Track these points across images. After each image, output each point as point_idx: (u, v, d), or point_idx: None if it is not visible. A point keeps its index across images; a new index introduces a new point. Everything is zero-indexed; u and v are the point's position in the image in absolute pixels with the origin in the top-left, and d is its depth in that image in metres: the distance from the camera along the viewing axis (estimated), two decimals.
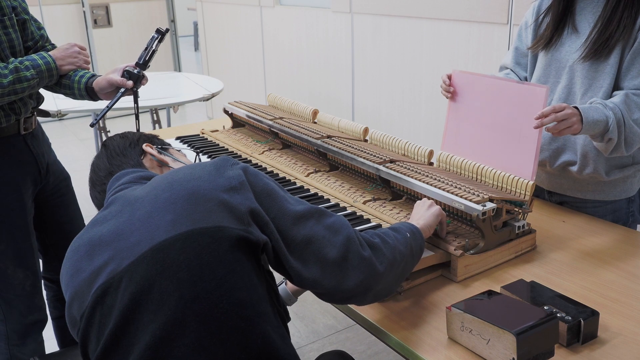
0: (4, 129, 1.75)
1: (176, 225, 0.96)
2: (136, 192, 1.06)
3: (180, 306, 0.93)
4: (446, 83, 1.73)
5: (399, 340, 1.18)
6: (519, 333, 1.01)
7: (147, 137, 1.32)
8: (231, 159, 1.08)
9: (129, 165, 1.22)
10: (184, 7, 8.44)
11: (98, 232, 1.03)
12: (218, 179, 1.02)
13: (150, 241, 0.96)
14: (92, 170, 1.26)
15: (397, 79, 3.41)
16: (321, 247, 1.05)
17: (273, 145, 2.15)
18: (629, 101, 1.50)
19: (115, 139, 1.30)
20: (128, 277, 0.95)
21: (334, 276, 1.06)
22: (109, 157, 1.24)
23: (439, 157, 1.69)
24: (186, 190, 1.00)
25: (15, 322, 1.86)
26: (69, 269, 1.04)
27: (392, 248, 1.15)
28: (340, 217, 1.12)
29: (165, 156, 1.28)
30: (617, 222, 1.68)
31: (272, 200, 1.05)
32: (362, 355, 2.50)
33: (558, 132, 1.44)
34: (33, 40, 1.86)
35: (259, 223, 1.01)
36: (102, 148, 1.29)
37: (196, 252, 0.95)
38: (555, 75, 1.68)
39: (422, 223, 1.32)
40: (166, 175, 1.07)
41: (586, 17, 1.61)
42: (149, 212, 1.00)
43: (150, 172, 1.20)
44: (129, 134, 1.32)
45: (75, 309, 1.02)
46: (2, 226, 1.79)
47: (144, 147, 1.26)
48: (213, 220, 0.97)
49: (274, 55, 4.63)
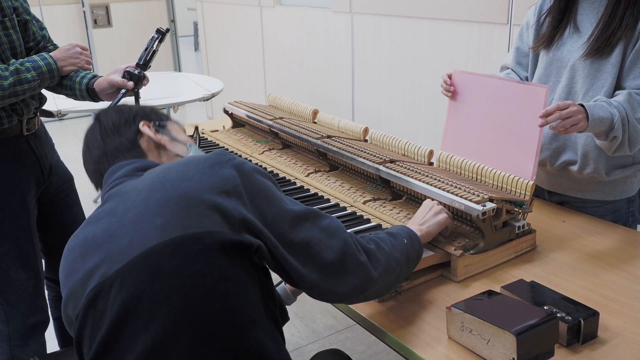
0: (6, 129, 1.75)
1: (166, 230, 0.94)
2: (129, 188, 1.04)
3: (172, 315, 0.92)
4: (447, 83, 1.73)
5: (398, 340, 1.18)
6: (519, 333, 1.02)
7: (144, 114, 1.23)
8: (226, 153, 1.04)
9: (123, 147, 1.16)
10: (184, 7, 8.43)
11: (92, 231, 1.02)
12: (211, 178, 0.99)
13: (141, 246, 0.94)
14: (85, 146, 1.20)
15: (397, 79, 3.41)
16: (319, 250, 1.04)
17: (273, 145, 2.15)
18: (632, 100, 1.51)
19: (109, 114, 1.21)
20: (119, 283, 0.93)
21: (330, 279, 1.06)
22: (102, 134, 1.17)
23: (439, 157, 1.69)
24: (177, 192, 0.97)
25: (17, 323, 1.86)
26: (65, 269, 1.04)
27: (388, 255, 1.14)
28: (335, 220, 1.10)
29: (162, 135, 1.21)
30: (617, 222, 1.69)
31: (269, 202, 1.02)
32: (362, 355, 2.50)
33: (564, 130, 1.43)
34: (35, 40, 1.85)
35: (251, 231, 0.99)
36: (96, 122, 1.21)
37: (187, 259, 0.93)
38: (556, 74, 1.68)
39: (424, 230, 1.30)
40: (159, 172, 1.03)
41: (588, 16, 1.62)
42: (139, 214, 0.97)
43: (145, 162, 1.14)
44: (125, 109, 1.23)
45: (70, 309, 1.01)
46: (5, 227, 1.79)
47: (141, 127, 1.19)
48: (204, 225, 0.94)
49: (274, 55, 4.63)
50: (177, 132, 1.24)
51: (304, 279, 1.05)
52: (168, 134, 1.22)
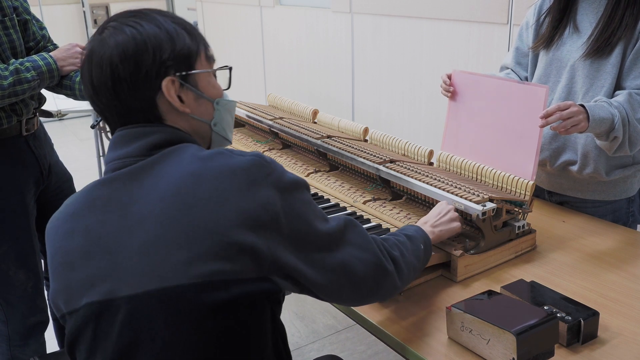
0: (5, 130, 1.75)
1: (191, 270, 0.85)
2: (144, 184, 0.92)
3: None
4: (446, 83, 1.73)
5: (399, 340, 1.18)
6: (519, 333, 1.01)
7: (172, 63, 0.97)
8: (264, 163, 0.93)
9: (137, 106, 0.97)
10: (184, 7, 8.42)
11: (97, 223, 0.92)
12: (249, 204, 0.88)
13: (159, 280, 0.86)
14: (90, 85, 0.97)
15: (397, 79, 3.41)
16: (354, 268, 1.00)
17: (273, 145, 2.15)
18: (632, 100, 1.51)
19: (128, 53, 0.94)
20: (128, 312, 0.88)
21: (360, 293, 1.04)
22: (114, 81, 0.95)
23: (439, 157, 1.69)
24: (208, 223, 0.86)
25: (17, 324, 1.86)
26: (59, 252, 0.96)
27: (408, 263, 1.12)
28: (361, 227, 1.06)
29: (187, 92, 1.00)
30: (617, 222, 1.68)
31: (306, 224, 0.95)
32: (362, 355, 2.50)
33: (565, 130, 1.43)
34: (35, 40, 1.85)
35: (281, 270, 0.92)
36: (107, 60, 0.94)
37: (209, 310, 0.86)
38: (556, 74, 1.68)
39: (436, 233, 1.29)
40: (185, 177, 0.90)
41: (587, 16, 1.62)
42: (159, 234, 0.87)
43: (162, 136, 0.97)
44: (148, 53, 0.95)
45: (61, 301, 0.96)
46: (4, 227, 1.79)
47: (163, 87, 0.97)
48: (233, 271, 0.86)
49: (274, 55, 4.63)
50: (206, 83, 1.04)
51: (333, 298, 1.03)
52: (194, 88, 1.01)
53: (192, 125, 1.03)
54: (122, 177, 0.95)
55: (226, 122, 1.09)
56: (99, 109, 1.00)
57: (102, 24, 1.00)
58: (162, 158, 0.95)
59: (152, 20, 0.98)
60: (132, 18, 0.98)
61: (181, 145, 0.97)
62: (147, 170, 0.94)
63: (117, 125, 1.00)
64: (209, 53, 1.05)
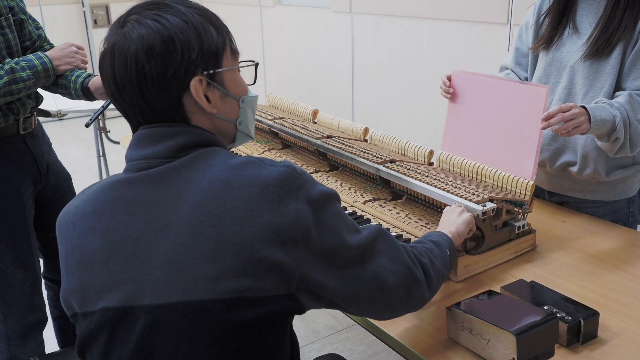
0: (2, 129, 1.75)
1: (219, 285, 0.83)
2: (172, 191, 0.89)
3: None
4: (446, 84, 1.73)
5: (399, 340, 1.18)
6: (519, 333, 1.01)
7: (201, 62, 0.93)
8: (296, 175, 0.89)
9: (163, 106, 0.93)
10: None
11: (119, 224, 0.89)
12: (279, 218, 0.85)
13: (185, 292, 0.83)
14: (112, 80, 0.93)
15: (397, 79, 3.41)
16: (385, 281, 0.97)
17: (273, 145, 2.15)
18: (633, 101, 1.50)
19: (155, 51, 0.89)
20: (149, 322, 0.85)
21: (390, 305, 1.01)
22: (139, 79, 0.90)
23: (439, 157, 1.69)
24: (238, 237, 0.84)
25: (15, 323, 1.86)
26: (76, 250, 0.92)
27: (437, 271, 1.09)
28: (393, 238, 1.02)
29: (214, 91, 0.97)
30: (617, 222, 1.68)
31: (337, 238, 0.91)
32: (362, 355, 2.50)
33: (567, 132, 1.43)
34: (31, 40, 1.85)
35: (308, 288, 0.89)
36: (132, 56, 0.90)
37: (235, 327, 0.84)
38: (555, 75, 1.68)
39: (453, 231, 1.26)
40: (216, 186, 0.87)
41: (587, 17, 1.61)
42: (187, 245, 0.85)
43: (188, 138, 0.94)
44: (176, 51, 0.91)
45: (74, 299, 0.93)
46: (2, 226, 1.79)
47: (192, 87, 0.93)
48: (260, 289, 0.84)
49: (274, 55, 4.63)
50: (231, 80, 1.01)
51: (363, 311, 1.01)
52: (221, 87, 0.98)
53: (216, 125, 0.99)
54: (148, 178, 0.91)
55: (249, 119, 1.07)
56: (121, 107, 0.96)
57: (122, 15, 0.95)
58: (190, 162, 0.91)
59: (178, 13, 0.93)
60: (155, 10, 0.93)
61: (210, 150, 0.94)
62: (174, 175, 0.90)
63: (138, 123, 0.97)
64: (234, 47, 1.01)
